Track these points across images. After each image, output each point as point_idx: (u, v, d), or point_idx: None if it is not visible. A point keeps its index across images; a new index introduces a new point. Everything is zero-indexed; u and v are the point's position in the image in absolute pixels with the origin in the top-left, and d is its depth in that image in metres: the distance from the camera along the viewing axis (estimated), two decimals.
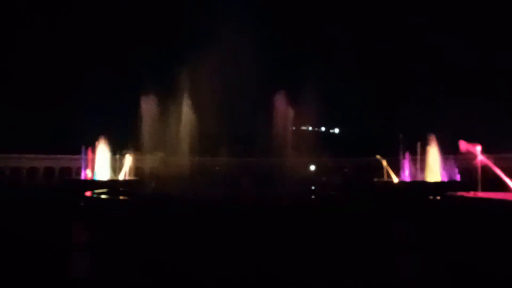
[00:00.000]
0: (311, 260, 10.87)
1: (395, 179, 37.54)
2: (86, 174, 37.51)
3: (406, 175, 37.59)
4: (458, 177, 34.47)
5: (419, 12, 66.95)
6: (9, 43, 60.31)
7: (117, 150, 38.57)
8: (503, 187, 17.97)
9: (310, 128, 57.67)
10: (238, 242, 12.39)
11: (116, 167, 37.64)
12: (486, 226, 13.73)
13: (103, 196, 18.54)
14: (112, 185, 28.96)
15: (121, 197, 19.54)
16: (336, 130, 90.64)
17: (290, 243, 12.42)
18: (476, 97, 51.95)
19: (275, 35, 59.82)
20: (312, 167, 55.29)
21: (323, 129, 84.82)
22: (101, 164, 36.95)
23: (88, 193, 18.62)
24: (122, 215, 15.38)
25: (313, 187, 30.37)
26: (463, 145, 19.52)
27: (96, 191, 19.83)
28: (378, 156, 40.36)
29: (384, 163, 39.08)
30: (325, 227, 14.02)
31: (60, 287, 9.17)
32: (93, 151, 37.43)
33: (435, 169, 35.30)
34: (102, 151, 37.28)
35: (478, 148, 19.20)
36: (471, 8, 59.16)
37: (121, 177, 36.33)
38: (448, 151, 34.31)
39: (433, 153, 35.64)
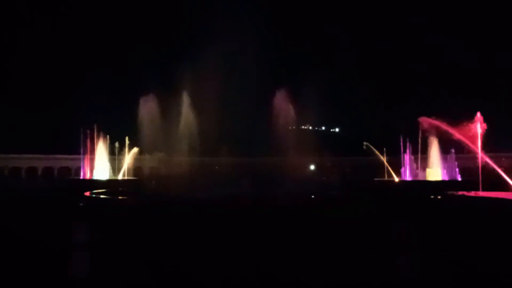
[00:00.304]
0: (311, 260, 10.82)
1: (396, 179, 37.51)
2: (85, 173, 37.47)
3: (407, 175, 37.54)
4: (459, 176, 34.43)
5: (419, 12, 67.09)
6: (9, 43, 60.32)
7: (116, 150, 38.55)
8: (504, 186, 17.94)
9: (310, 128, 57.55)
10: (238, 242, 12.35)
11: (115, 166, 37.60)
12: (487, 226, 13.68)
13: (102, 196, 18.51)
14: (111, 185, 28.92)
15: (120, 197, 19.50)
16: (337, 130, 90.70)
17: (290, 243, 12.38)
18: (476, 97, 51.92)
19: (275, 35, 59.90)
20: (312, 167, 55.28)
21: (323, 128, 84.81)
22: (100, 164, 36.89)
23: (87, 193, 18.59)
24: (121, 215, 15.35)
25: (313, 187, 30.27)
26: (425, 122, 19.40)
27: (96, 191, 19.80)
28: (366, 144, 40.43)
29: (372, 147, 39.10)
30: (325, 227, 13.99)
31: (60, 287, 9.12)
32: (93, 151, 37.37)
33: (436, 168, 35.24)
34: (102, 151, 37.22)
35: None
36: (471, 8, 59.17)
37: (120, 176, 36.31)
38: (449, 150, 34.34)
39: (434, 153, 35.59)
